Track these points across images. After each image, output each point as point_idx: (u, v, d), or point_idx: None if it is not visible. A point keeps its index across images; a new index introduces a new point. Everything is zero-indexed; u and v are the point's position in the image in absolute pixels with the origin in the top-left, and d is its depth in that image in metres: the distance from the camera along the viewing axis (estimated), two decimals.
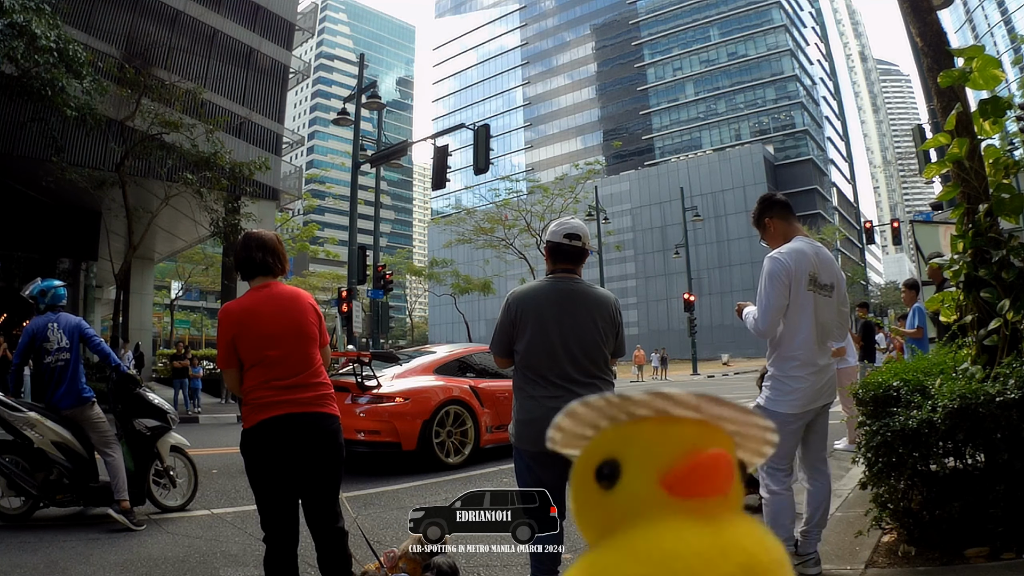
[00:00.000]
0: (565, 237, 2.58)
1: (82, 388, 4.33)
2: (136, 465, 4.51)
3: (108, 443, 4.35)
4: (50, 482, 4.27)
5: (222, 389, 15.94)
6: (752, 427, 0.55)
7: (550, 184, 31.86)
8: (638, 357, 29.46)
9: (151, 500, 4.59)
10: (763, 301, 2.73)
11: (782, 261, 2.71)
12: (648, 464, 0.53)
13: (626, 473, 0.53)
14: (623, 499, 0.53)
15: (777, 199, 3.00)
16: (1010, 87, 35.79)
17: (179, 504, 4.74)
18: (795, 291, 2.71)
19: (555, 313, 2.49)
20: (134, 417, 4.60)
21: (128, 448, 4.53)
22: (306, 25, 24.29)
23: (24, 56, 10.30)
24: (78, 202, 14.97)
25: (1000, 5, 70.21)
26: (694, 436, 0.53)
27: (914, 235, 9.15)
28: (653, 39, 72.51)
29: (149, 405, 4.68)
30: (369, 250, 16.32)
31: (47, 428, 4.22)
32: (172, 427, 4.77)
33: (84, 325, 4.41)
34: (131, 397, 4.63)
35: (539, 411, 2.44)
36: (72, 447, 4.31)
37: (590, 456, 0.56)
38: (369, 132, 20.09)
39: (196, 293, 47.44)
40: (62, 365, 4.25)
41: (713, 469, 0.51)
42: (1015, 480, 2.51)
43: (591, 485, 0.55)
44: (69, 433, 4.31)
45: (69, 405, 4.27)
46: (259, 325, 2.42)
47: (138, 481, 4.49)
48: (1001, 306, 2.74)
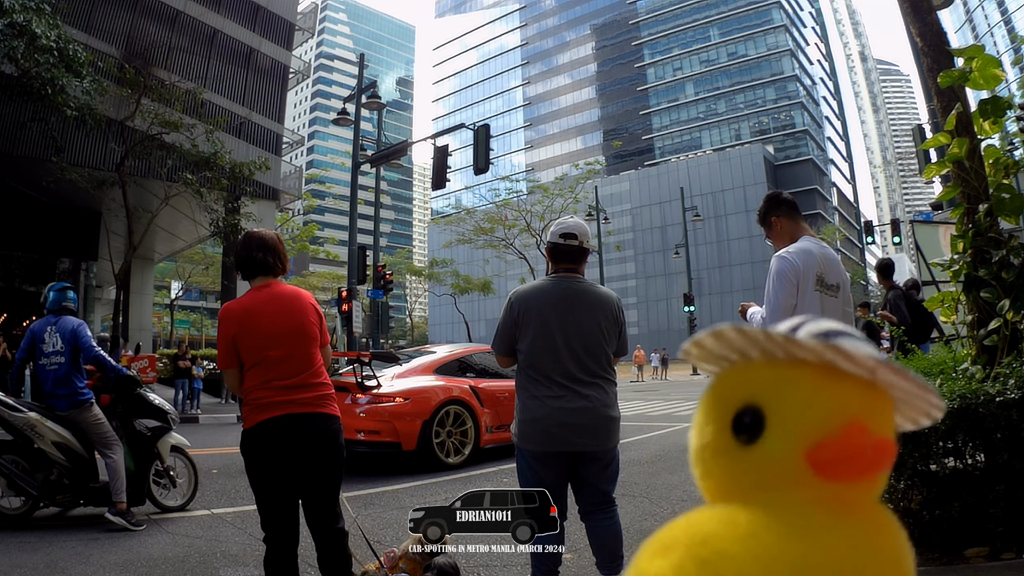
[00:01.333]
0: (561, 237, 2.59)
1: (79, 391, 4.30)
2: (136, 465, 4.51)
3: (108, 444, 4.35)
4: (50, 482, 4.26)
5: (222, 389, 15.93)
6: (921, 400, 0.46)
7: (550, 184, 31.86)
8: (638, 357, 29.45)
9: (151, 500, 4.59)
10: (771, 301, 2.72)
11: (790, 260, 2.70)
12: (798, 427, 0.43)
13: (769, 431, 0.43)
14: (758, 462, 0.44)
15: (784, 198, 2.98)
16: (1010, 87, 35.82)
17: (179, 504, 4.74)
18: (802, 291, 2.70)
19: (558, 312, 2.50)
20: (135, 417, 4.60)
21: (128, 448, 4.53)
22: (306, 25, 24.29)
23: (24, 56, 10.31)
24: (78, 202, 14.97)
25: (1000, 5, 70.19)
26: (861, 403, 0.43)
27: (914, 235, 9.15)
28: (653, 39, 72.50)
29: (150, 405, 4.68)
30: (369, 250, 16.32)
31: (47, 428, 4.22)
32: (173, 427, 4.77)
33: (81, 332, 4.33)
34: (132, 397, 4.63)
35: (542, 411, 2.44)
36: (72, 447, 4.31)
37: (730, 393, 0.46)
38: (369, 132, 20.09)
39: (196, 293, 47.43)
40: (55, 368, 4.24)
41: (877, 454, 0.42)
42: (1015, 480, 2.51)
43: (725, 433, 0.46)
44: (69, 433, 4.31)
45: (66, 407, 4.27)
46: (260, 325, 2.41)
47: (138, 481, 4.49)
48: (1001, 306, 2.74)
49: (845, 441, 0.42)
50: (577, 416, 2.41)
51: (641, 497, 4.89)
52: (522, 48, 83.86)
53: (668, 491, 5.12)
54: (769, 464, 0.43)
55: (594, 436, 2.45)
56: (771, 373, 0.45)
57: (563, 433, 2.42)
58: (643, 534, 3.86)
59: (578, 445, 2.44)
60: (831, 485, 0.42)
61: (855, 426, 0.42)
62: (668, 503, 4.71)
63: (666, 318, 58.95)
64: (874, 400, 0.44)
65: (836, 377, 0.43)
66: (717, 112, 68.41)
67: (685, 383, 24.73)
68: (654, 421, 10.83)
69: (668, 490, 5.16)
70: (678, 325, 52.98)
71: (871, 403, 0.44)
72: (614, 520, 2.53)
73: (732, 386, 0.46)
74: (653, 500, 4.81)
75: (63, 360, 4.24)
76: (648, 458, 6.78)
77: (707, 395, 0.48)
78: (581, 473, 2.50)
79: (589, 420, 2.43)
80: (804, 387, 0.43)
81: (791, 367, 0.44)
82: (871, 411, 0.44)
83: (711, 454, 0.47)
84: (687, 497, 4.90)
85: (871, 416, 0.43)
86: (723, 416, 0.46)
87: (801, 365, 0.44)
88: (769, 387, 0.44)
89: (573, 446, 2.44)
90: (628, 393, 18.80)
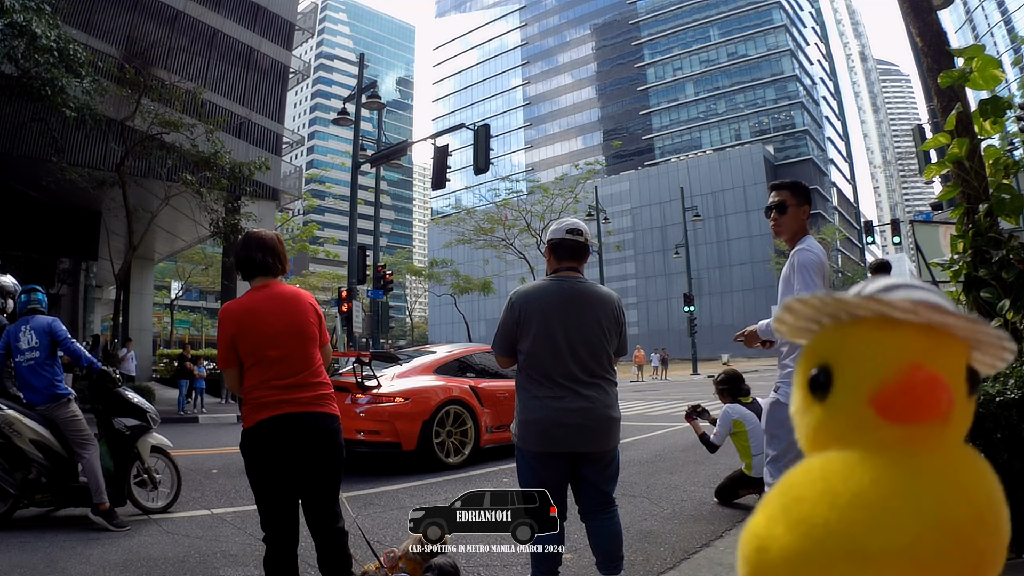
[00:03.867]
0: (568, 232, 2.59)
1: (55, 385, 4.27)
2: (116, 466, 4.43)
3: (82, 443, 4.26)
4: (28, 481, 4.18)
5: (222, 389, 15.93)
6: (985, 334, 0.47)
7: (550, 184, 31.89)
8: (638, 357, 29.44)
9: (132, 502, 4.50)
10: (805, 292, 2.69)
11: (817, 253, 2.66)
12: (860, 377, 0.46)
13: (837, 385, 0.47)
14: (831, 415, 0.47)
15: (810, 190, 2.96)
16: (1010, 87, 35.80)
17: (161, 506, 4.62)
18: (825, 285, 2.70)
19: (560, 313, 2.49)
20: (113, 416, 4.50)
21: (108, 448, 4.45)
22: (306, 25, 24.28)
23: (24, 56, 10.29)
24: (78, 202, 14.97)
25: (1000, 5, 70.17)
26: (916, 347, 0.46)
27: (914, 235, 9.14)
28: (653, 39, 72.50)
29: (128, 404, 4.56)
30: (369, 250, 16.32)
31: (24, 426, 4.15)
32: (153, 427, 4.65)
33: (55, 327, 4.32)
34: (110, 395, 4.53)
35: (542, 411, 2.44)
36: (51, 446, 4.23)
37: (807, 359, 0.51)
38: (369, 132, 20.10)
39: (196, 293, 47.43)
40: (31, 364, 4.22)
41: (928, 391, 0.44)
42: (1015, 480, 2.51)
43: (803, 393, 0.50)
44: (47, 431, 4.24)
45: (42, 401, 4.23)
46: (259, 325, 2.42)
47: (118, 482, 4.41)
48: (1001, 306, 2.74)
49: (904, 382, 0.44)
50: (577, 417, 2.41)
51: (641, 497, 4.89)
52: (522, 48, 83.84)
53: (668, 491, 5.12)
54: (840, 414, 0.47)
55: (594, 437, 2.44)
56: (836, 333, 0.49)
57: (563, 434, 2.41)
58: (643, 534, 3.86)
59: (578, 446, 2.43)
60: (899, 427, 0.45)
61: (913, 367, 0.45)
62: (668, 503, 4.71)
63: (666, 318, 58.94)
64: (933, 341, 0.46)
65: (892, 327, 0.46)
66: (717, 112, 68.40)
67: (685, 383, 24.72)
68: (654, 421, 10.83)
69: (668, 490, 5.16)
70: (678, 325, 52.94)
71: (931, 344, 0.46)
72: (614, 521, 2.53)
73: (809, 351, 0.51)
74: (653, 500, 4.80)
75: (38, 354, 4.23)
76: (648, 458, 6.78)
77: (796, 365, 0.52)
78: (581, 473, 2.50)
79: (589, 421, 2.42)
80: (863, 339, 0.47)
81: (852, 325, 0.48)
82: (930, 353, 0.46)
83: (799, 415, 0.51)
84: (687, 497, 4.90)
85: (932, 358, 0.45)
86: (803, 379, 0.50)
87: (861, 322, 0.47)
88: (835, 345, 0.48)
89: (573, 447, 2.43)
90: (628, 393, 18.80)
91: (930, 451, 0.44)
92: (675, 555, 3.46)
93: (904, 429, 0.45)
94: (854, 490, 0.42)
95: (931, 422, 0.45)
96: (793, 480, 0.47)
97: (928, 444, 0.45)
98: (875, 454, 0.44)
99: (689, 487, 5.27)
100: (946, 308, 0.45)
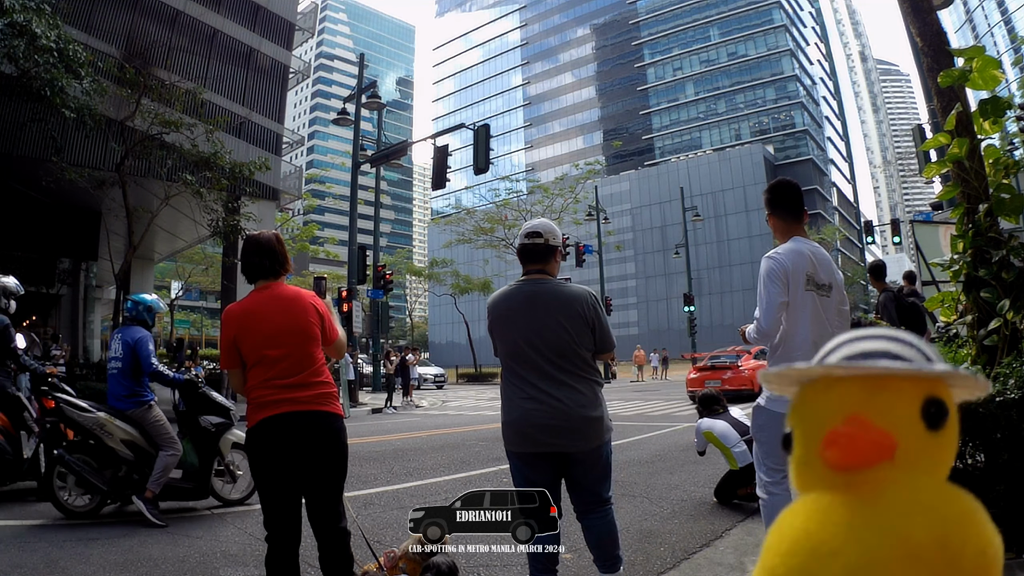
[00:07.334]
0: (526, 237, 2.61)
1: (135, 392, 4.53)
2: (200, 461, 4.69)
3: (166, 444, 4.53)
4: (119, 478, 4.47)
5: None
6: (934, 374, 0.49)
7: (550, 184, 31.91)
8: (638, 357, 29.43)
9: (213, 494, 4.76)
10: (763, 300, 2.74)
11: (779, 260, 2.73)
12: (810, 433, 0.51)
13: (795, 439, 0.53)
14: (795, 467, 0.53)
15: (779, 197, 2.94)
16: (1010, 87, 35.82)
17: (239, 498, 4.89)
18: (793, 291, 2.71)
19: (521, 316, 2.52)
20: (199, 414, 4.79)
21: (192, 445, 4.72)
22: (306, 25, 24.26)
23: (24, 56, 10.28)
24: (78, 202, 14.95)
25: (1000, 5, 70.19)
26: (853, 399, 0.49)
27: (914, 235, 9.15)
28: (653, 39, 72.52)
29: (213, 402, 4.87)
30: (369, 250, 16.34)
31: (116, 427, 4.45)
32: (234, 423, 4.88)
33: (141, 344, 4.53)
34: (196, 396, 4.83)
35: (516, 412, 2.48)
36: (140, 444, 4.51)
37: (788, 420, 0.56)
38: (369, 132, 20.11)
39: (196, 293, 47.41)
40: (114, 372, 4.53)
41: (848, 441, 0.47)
42: (1015, 480, 2.51)
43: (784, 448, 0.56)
44: (136, 431, 4.51)
45: (126, 407, 4.51)
46: (259, 325, 2.44)
47: (202, 476, 4.66)
48: (1001, 306, 2.74)
49: (828, 436, 0.48)
50: (548, 418, 2.42)
51: (641, 497, 4.89)
52: (522, 47, 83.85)
53: (668, 491, 5.12)
54: (799, 466, 0.52)
55: (570, 437, 2.43)
56: (800, 394, 0.54)
57: (536, 434, 2.43)
58: (643, 534, 3.86)
59: (555, 446, 2.44)
60: (842, 474, 0.47)
61: (849, 419, 0.48)
62: (668, 503, 4.71)
63: (666, 318, 58.95)
64: (869, 392, 0.49)
65: (835, 384, 0.50)
66: (717, 112, 68.41)
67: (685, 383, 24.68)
68: (654, 421, 10.83)
69: (668, 490, 5.16)
70: (678, 325, 52.96)
71: (865, 396, 0.49)
72: (607, 520, 2.53)
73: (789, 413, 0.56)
74: (653, 500, 4.80)
75: (120, 365, 4.51)
76: (648, 458, 6.78)
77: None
78: (571, 474, 2.52)
79: (561, 422, 2.42)
80: (813, 399, 0.52)
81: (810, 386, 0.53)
82: (868, 402, 0.49)
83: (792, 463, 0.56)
84: (687, 497, 4.90)
85: (869, 406, 0.49)
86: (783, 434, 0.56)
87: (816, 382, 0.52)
88: (795, 404, 0.54)
89: (550, 447, 2.44)
90: (628, 393, 18.80)
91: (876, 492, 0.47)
92: (675, 555, 3.46)
93: (847, 475, 0.48)
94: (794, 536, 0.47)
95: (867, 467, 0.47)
96: (774, 526, 0.51)
97: (875, 486, 0.47)
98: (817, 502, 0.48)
99: (689, 487, 5.27)
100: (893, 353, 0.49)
